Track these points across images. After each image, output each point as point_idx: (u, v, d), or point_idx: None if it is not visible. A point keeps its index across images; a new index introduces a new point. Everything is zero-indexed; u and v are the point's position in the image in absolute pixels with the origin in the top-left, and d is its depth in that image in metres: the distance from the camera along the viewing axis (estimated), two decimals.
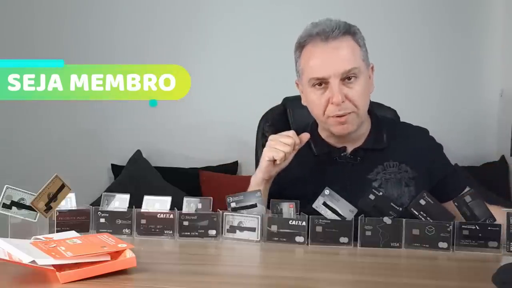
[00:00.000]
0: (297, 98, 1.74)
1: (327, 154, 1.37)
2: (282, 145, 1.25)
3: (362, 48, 1.30)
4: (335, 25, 1.26)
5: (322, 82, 1.27)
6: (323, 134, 1.40)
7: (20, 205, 1.09)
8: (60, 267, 0.83)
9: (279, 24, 2.98)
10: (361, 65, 1.28)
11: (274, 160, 1.26)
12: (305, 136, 1.29)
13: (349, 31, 1.27)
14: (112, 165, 3.06)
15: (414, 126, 1.45)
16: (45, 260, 0.83)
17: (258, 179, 1.30)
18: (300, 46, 1.31)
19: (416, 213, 1.11)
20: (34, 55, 3.07)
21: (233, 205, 1.19)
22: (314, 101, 1.30)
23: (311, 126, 1.42)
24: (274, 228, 1.15)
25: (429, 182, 1.34)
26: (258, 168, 1.31)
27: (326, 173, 1.35)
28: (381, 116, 1.44)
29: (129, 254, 0.89)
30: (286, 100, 1.73)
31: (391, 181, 1.32)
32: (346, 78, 1.26)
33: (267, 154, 1.26)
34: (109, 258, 0.88)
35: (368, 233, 1.11)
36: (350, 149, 1.36)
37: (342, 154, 1.36)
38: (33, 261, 0.81)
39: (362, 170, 1.34)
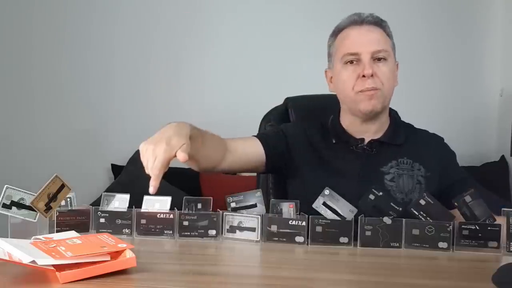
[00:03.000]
0: (299, 98, 1.75)
1: (344, 142, 1.42)
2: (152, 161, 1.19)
3: (391, 40, 1.40)
4: (369, 14, 1.39)
5: (354, 60, 1.35)
6: (344, 123, 1.44)
7: (20, 205, 1.09)
8: (60, 267, 0.82)
9: (281, 24, 2.98)
10: (390, 51, 1.37)
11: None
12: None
13: (380, 23, 1.39)
14: (112, 165, 3.05)
15: (430, 133, 1.49)
16: (45, 260, 0.82)
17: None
18: (337, 31, 1.41)
19: (416, 213, 1.11)
20: (33, 55, 3.09)
21: (233, 205, 1.19)
22: (345, 78, 1.36)
23: (333, 117, 1.48)
24: (274, 228, 1.15)
25: (439, 186, 1.37)
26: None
27: (340, 160, 1.39)
28: (399, 120, 1.50)
29: (129, 254, 0.89)
30: (288, 100, 1.73)
31: (404, 176, 1.36)
32: (376, 58, 1.34)
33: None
34: (109, 258, 0.87)
35: (368, 233, 1.11)
36: (367, 140, 1.41)
37: (359, 145, 1.40)
38: (33, 261, 0.81)
39: (376, 162, 1.38)
